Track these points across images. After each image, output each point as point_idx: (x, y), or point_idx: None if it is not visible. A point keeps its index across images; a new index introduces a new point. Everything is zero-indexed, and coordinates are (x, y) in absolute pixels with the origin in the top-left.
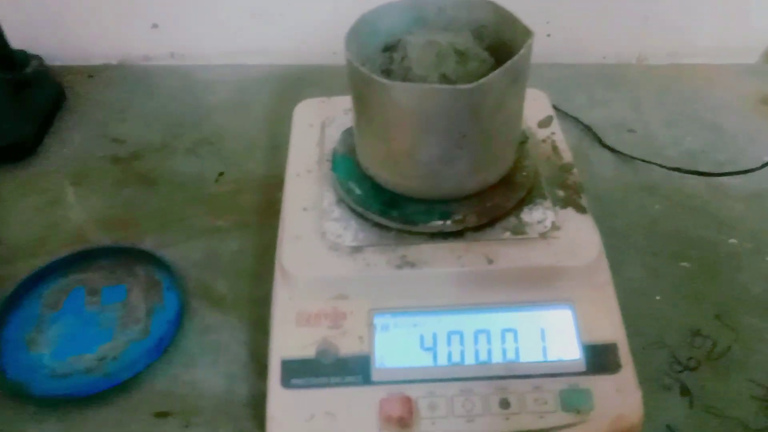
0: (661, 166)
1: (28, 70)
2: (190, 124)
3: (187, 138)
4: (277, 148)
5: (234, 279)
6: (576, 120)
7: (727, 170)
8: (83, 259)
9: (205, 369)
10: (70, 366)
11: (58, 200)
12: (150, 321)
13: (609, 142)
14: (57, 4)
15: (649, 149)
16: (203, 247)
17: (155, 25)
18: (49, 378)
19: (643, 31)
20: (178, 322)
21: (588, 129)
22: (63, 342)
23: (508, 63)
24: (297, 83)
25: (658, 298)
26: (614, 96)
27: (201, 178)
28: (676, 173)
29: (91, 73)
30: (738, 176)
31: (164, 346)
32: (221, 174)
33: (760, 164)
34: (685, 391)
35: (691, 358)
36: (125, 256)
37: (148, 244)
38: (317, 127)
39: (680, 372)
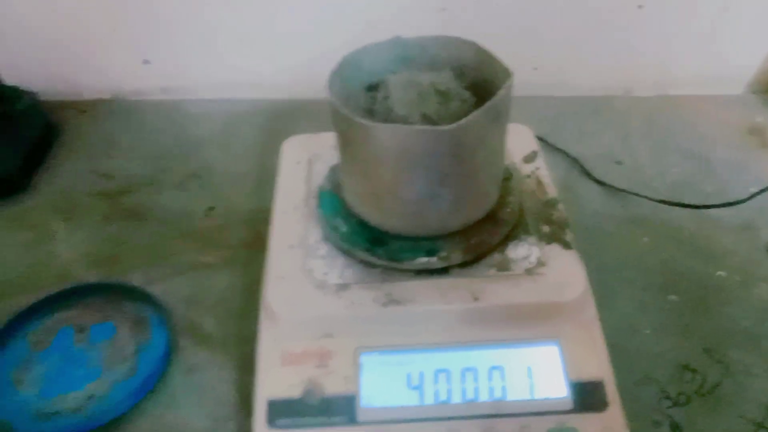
0: (649, 198)
1: (20, 105)
2: (179, 158)
3: (176, 172)
4: (265, 182)
5: (221, 316)
6: (563, 153)
7: (714, 202)
8: (71, 296)
9: (189, 409)
10: (57, 405)
11: (46, 236)
12: (137, 359)
13: (597, 174)
14: (49, 40)
15: (636, 181)
16: (191, 283)
17: (146, 61)
18: (34, 418)
19: (630, 62)
20: (166, 361)
21: (575, 161)
22: (50, 381)
23: (488, 104)
24: (286, 118)
25: (647, 332)
26: (602, 127)
27: (189, 212)
28: (663, 205)
29: (83, 108)
30: (726, 208)
31: (150, 386)
32: (211, 209)
33: (748, 196)
34: (675, 427)
35: (680, 394)
36: (113, 293)
37: (135, 280)
38: (304, 163)
39: (670, 407)
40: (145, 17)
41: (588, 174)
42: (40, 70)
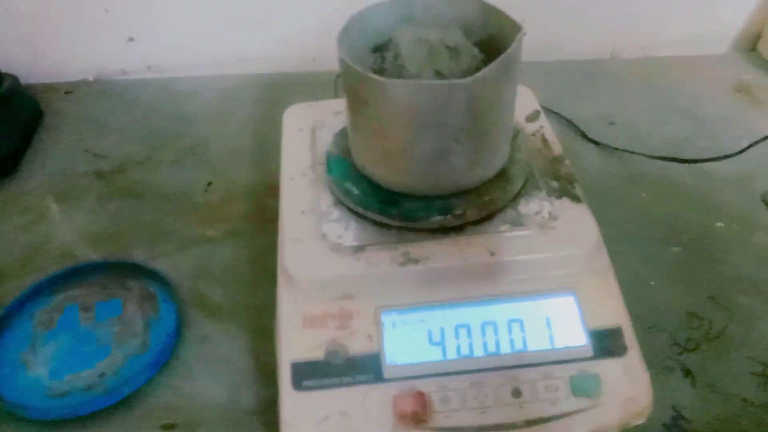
0: (645, 155)
1: (2, 89)
2: (172, 135)
3: (171, 149)
4: (262, 154)
5: (229, 287)
6: (558, 115)
7: (708, 156)
8: (74, 275)
9: (206, 379)
10: (69, 384)
11: (43, 218)
12: (148, 334)
13: (592, 135)
14: (30, 22)
15: (631, 140)
16: (196, 257)
17: (131, 39)
18: (47, 398)
19: (617, 25)
20: (177, 334)
21: (570, 123)
22: (60, 360)
23: (503, 56)
24: (277, 91)
25: (652, 283)
26: (593, 90)
27: (188, 188)
28: (660, 161)
29: (67, 89)
30: (720, 161)
31: (164, 359)
32: (209, 184)
33: (740, 149)
34: (687, 372)
35: (690, 340)
36: (117, 271)
37: (138, 257)
38: (307, 131)
39: (680, 354)
40: None
41: (584, 135)
42: (21, 53)
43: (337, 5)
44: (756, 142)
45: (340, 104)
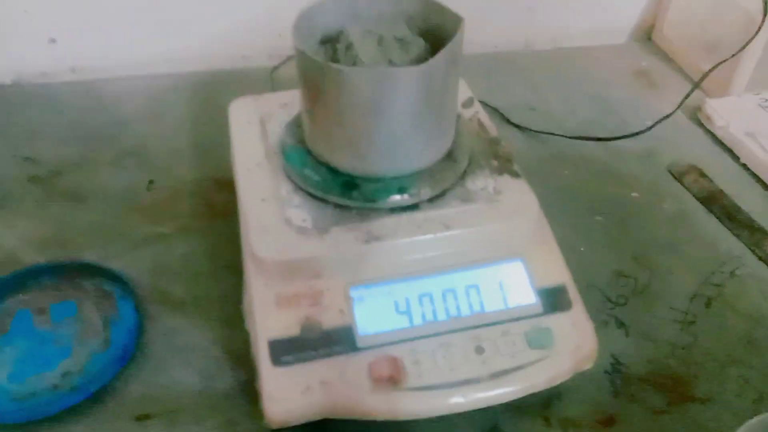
0: (563, 136)
1: None
2: (107, 138)
3: (108, 151)
4: (202, 152)
5: (188, 281)
6: (483, 103)
7: (618, 134)
8: (22, 279)
9: (177, 369)
10: (32, 386)
11: None
12: (109, 332)
13: (515, 120)
14: None
15: (550, 124)
16: (149, 255)
17: (53, 40)
18: (12, 401)
19: (528, 19)
20: (139, 329)
21: (495, 110)
22: (19, 364)
23: (450, 44)
24: (208, 89)
25: (582, 249)
26: (511, 80)
27: (131, 189)
28: (577, 141)
29: None
30: (629, 139)
31: (129, 354)
32: (151, 182)
33: (644, 128)
34: (620, 324)
35: (620, 296)
36: (68, 272)
37: (90, 258)
38: (256, 123)
39: (613, 308)
40: None
41: (508, 120)
42: None
43: (263, 4)
44: (658, 121)
45: (284, 96)
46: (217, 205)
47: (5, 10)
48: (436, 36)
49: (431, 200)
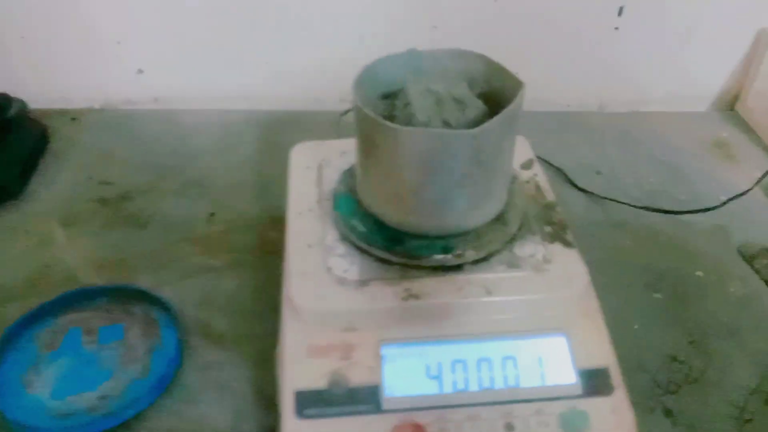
0: (629, 205)
1: (11, 113)
2: (176, 167)
3: (175, 180)
4: (264, 189)
5: (232, 316)
6: (547, 163)
7: (687, 208)
8: (78, 299)
9: (209, 405)
10: (71, 406)
11: (48, 242)
12: (149, 359)
13: (579, 183)
14: (40, 47)
15: (615, 189)
16: (199, 286)
17: (140, 71)
18: (49, 418)
19: (604, 81)
20: (179, 360)
21: (559, 171)
22: (62, 382)
23: (506, 110)
24: (278, 128)
25: (636, 326)
26: (580, 141)
27: (191, 218)
28: (642, 211)
29: (74, 116)
30: (700, 214)
31: (166, 384)
32: (212, 214)
33: (719, 203)
34: (668, 413)
35: (670, 382)
36: (120, 296)
37: (142, 284)
38: (314, 168)
39: (662, 395)
40: (140, 27)
41: (571, 182)
42: (30, 78)
43: (341, 49)
44: (732, 198)
45: (345, 144)
46: (270, 243)
47: (100, 40)
48: (497, 98)
49: (475, 263)
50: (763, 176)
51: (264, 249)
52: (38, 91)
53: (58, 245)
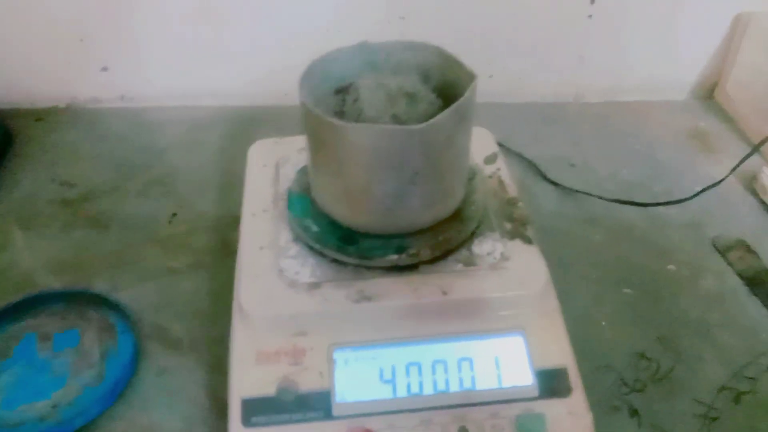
0: (601, 198)
1: None
2: (141, 166)
3: (139, 180)
4: (229, 188)
5: (190, 320)
6: (519, 156)
7: (662, 200)
8: (34, 304)
9: (162, 412)
10: (22, 415)
11: (6, 244)
12: (104, 365)
13: (551, 176)
14: (4, 46)
15: (589, 182)
16: (158, 289)
17: (105, 68)
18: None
19: (580, 70)
20: (134, 366)
21: (531, 164)
22: (14, 391)
23: (456, 104)
24: (247, 124)
25: (603, 323)
26: (554, 132)
27: (154, 219)
28: (615, 204)
29: (38, 116)
30: (673, 206)
31: (119, 391)
32: (174, 215)
33: (693, 194)
34: (633, 412)
35: (637, 380)
36: (77, 300)
37: (100, 287)
38: (271, 166)
39: (628, 394)
40: (104, 25)
41: (543, 176)
42: None
43: (310, 44)
44: (707, 188)
45: (304, 141)
46: (231, 244)
47: (63, 37)
48: (452, 91)
49: (431, 262)
50: (738, 164)
51: (225, 250)
52: (2, 90)
53: (16, 248)
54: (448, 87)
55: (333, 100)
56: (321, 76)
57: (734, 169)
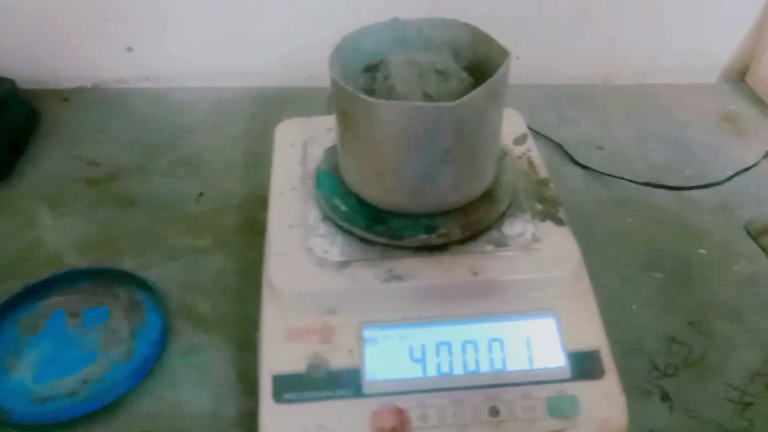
0: (631, 181)
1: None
2: (166, 145)
3: (165, 159)
4: (255, 167)
5: (217, 298)
6: (547, 138)
7: (693, 184)
8: (63, 281)
9: (190, 389)
10: (52, 389)
11: (34, 223)
12: (133, 342)
13: (579, 158)
14: (30, 27)
15: (618, 165)
16: (185, 267)
17: (130, 49)
18: (30, 403)
19: (610, 52)
20: (162, 343)
21: (559, 146)
22: (44, 365)
23: (489, 81)
24: (272, 105)
25: (634, 307)
26: (582, 115)
27: (180, 198)
28: (645, 188)
29: (65, 96)
30: (705, 190)
31: (148, 368)
32: (201, 194)
33: (725, 178)
34: (665, 396)
35: (669, 365)
36: (106, 278)
37: (128, 265)
38: (299, 146)
39: (659, 378)
40: (128, 4)
41: (571, 158)
42: (19, 57)
43: (335, 23)
44: (739, 172)
45: (332, 120)
46: (258, 223)
47: (89, 17)
48: (484, 69)
49: (461, 242)
50: None
51: (252, 229)
52: (29, 71)
53: (44, 226)
54: (479, 65)
55: (363, 78)
56: (351, 52)
57: (767, 153)
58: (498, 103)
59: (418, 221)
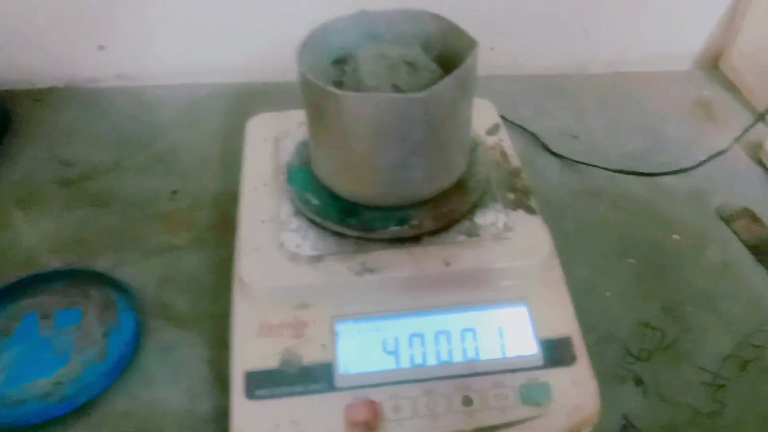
0: (604, 168)
1: None
2: (141, 143)
3: (139, 158)
4: (230, 164)
5: (192, 296)
6: (522, 128)
7: (666, 170)
8: (34, 283)
9: (165, 387)
10: (25, 392)
11: (7, 225)
12: (106, 343)
13: (554, 148)
14: (0, 27)
15: (592, 154)
16: (160, 265)
17: (101, 47)
18: (3, 406)
19: (583, 42)
20: (136, 343)
21: (533, 136)
22: (16, 368)
23: (456, 71)
24: (247, 100)
25: (608, 294)
26: (557, 105)
27: (155, 196)
28: (619, 175)
29: (37, 96)
30: (677, 176)
31: (122, 367)
32: (175, 192)
33: (696, 163)
34: (638, 381)
35: (642, 350)
36: (78, 279)
37: (102, 265)
38: (271, 140)
39: (633, 363)
40: (99, 2)
41: (546, 148)
42: None
43: (309, 18)
44: (711, 157)
45: (303, 115)
46: (233, 220)
47: (59, 16)
48: (453, 60)
49: (433, 233)
50: (743, 133)
51: (226, 226)
52: (0, 71)
53: (16, 228)
54: (449, 57)
55: (332, 71)
56: (320, 46)
57: (738, 138)
58: (467, 93)
59: (390, 213)
